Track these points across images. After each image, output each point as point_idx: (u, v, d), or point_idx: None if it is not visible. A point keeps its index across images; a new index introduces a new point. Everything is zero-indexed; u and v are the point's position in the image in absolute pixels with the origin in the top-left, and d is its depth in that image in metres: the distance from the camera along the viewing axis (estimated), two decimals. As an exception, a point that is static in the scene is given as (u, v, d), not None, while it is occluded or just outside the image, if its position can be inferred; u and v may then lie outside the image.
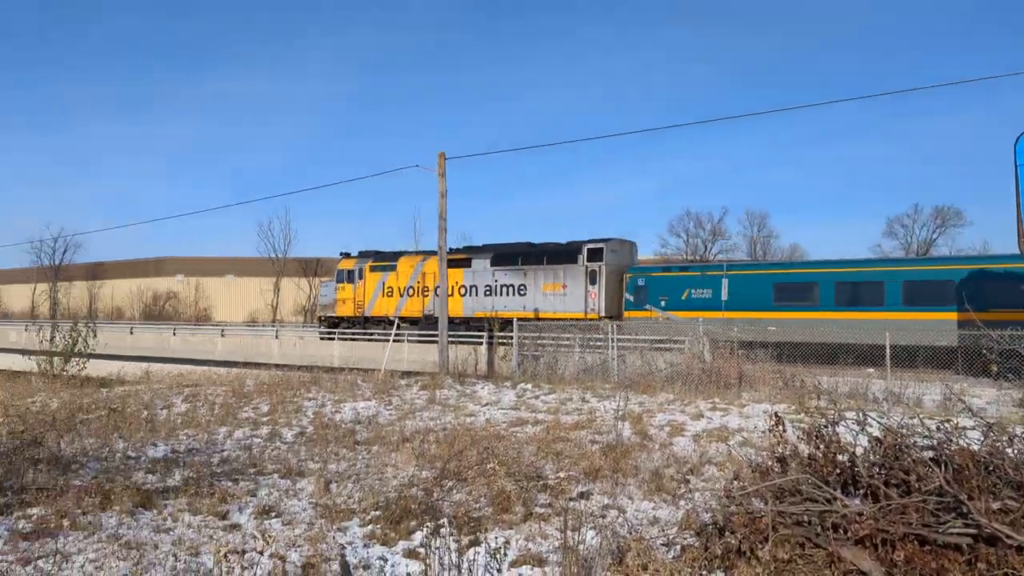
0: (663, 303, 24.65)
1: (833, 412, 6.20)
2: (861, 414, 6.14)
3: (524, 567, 5.73)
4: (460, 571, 4.93)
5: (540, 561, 5.84)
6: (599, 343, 19.50)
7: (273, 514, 7.15)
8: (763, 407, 12.04)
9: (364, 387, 16.67)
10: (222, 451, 10.15)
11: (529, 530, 6.52)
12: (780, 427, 6.41)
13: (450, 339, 21.16)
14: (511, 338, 22.98)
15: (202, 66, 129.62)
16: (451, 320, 28.07)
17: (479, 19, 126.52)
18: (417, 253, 32.26)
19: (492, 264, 28.87)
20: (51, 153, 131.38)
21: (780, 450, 6.19)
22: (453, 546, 5.43)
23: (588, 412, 12.67)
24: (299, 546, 6.14)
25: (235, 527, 6.79)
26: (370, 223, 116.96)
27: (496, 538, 5.76)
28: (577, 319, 25.21)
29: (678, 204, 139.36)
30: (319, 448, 10.24)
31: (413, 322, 30.12)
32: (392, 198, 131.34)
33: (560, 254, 27.19)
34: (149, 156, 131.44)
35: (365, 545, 6.30)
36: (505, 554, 5.38)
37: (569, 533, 5.56)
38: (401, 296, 31.14)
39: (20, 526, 6.53)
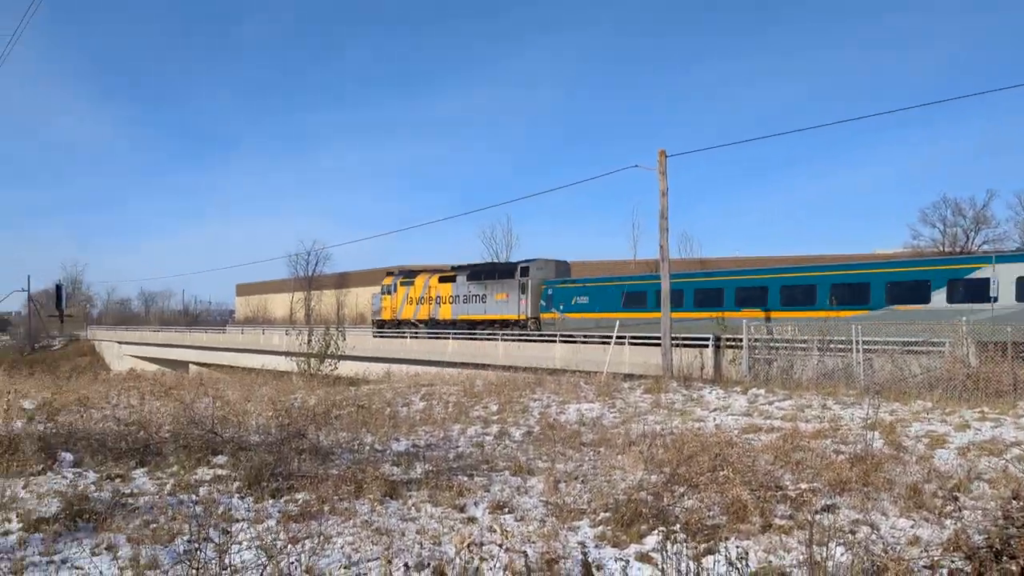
0: (561, 307, 32.46)
1: None
2: None
3: (765, 580, 5.38)
4: (698, 579, 4.73)
5: (783, 575, 5.45)
6: (841, 345, 17.96)
7: (506, 510, 7.36)
8: (1044, 418, 10.45)
9: (587, 389, 16.77)
10: (457, 447, 10.69)
11: (769, 542, 6.13)
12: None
13: (673, 342, 20.65)
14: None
15: (432, 87, 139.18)
16: (441, 322, 38.35)
17: (690, 15, 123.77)
18: (426, 271, 41.41)
19: (468, 279, 37.43)
20: (304, 173, 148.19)
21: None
22: (688, 553, 5.23)
23: (830, 420, 11.75)
24: (533, 542, 6.25)
25: (472, 520, 7.07)
26: (589, 224, 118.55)
27: (735, 547, 5.46)
28: (513, 319, 34.59)
29: (932, 191, 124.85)
30: (546, 448, 10.43)
31: (425, 324, 39.47)
32: (611, 199, 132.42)
33: (506, 272, 36.10)
34: (387, 174, 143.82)
35: (596, 546, 6.28)
36: (747, 565, 5.08)
37: (815, 548, 5.15)
38: (417, 304, 40.34)
39: (289, 508, 7.30)
